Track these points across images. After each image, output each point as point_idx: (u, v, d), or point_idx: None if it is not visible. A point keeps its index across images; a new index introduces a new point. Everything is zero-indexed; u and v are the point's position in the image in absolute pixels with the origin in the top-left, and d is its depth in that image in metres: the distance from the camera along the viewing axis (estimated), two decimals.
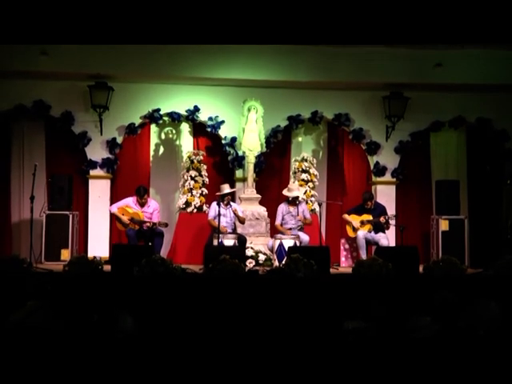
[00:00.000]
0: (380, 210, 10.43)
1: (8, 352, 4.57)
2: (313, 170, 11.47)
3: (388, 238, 10.32)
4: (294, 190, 10.36)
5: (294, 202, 10.24)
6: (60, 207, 10.75)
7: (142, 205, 10.23)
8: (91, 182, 11.40)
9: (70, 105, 11.18)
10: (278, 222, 10.30)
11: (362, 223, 10.35)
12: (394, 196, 11.79)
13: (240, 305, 7.08)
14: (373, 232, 10.33)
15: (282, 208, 10.34)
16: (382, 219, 10.21)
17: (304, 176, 11.36)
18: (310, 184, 11.39)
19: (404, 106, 11.46)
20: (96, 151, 11.34)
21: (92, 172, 11.37)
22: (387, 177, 11.84)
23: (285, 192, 10.42)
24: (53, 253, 10.53)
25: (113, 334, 5.12)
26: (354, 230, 10.38)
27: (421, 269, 8.76)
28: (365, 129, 11.76)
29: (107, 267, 8.42)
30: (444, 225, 11.04)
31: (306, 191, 11.22)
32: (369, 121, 11.77)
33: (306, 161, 11.50)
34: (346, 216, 10.60)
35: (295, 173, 11.52)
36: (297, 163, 11.56)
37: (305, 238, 9.98)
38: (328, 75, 11.21)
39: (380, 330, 5.28)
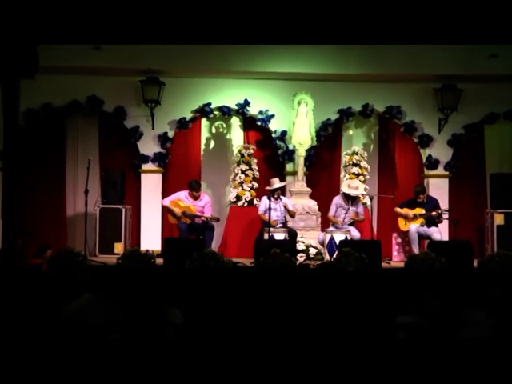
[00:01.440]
0: (433, 204, 10.29)
1: (63, 345, 4.66)
2: (364, 164, 11.37)
3: (441, 232, 10.18)
4: (354, 188, 10.29)
5: (350, 198, 10.22)
6: (113, 201, 10.91)
7: (195, 198, 10.30)
8: (143, 176, 11.53)
9: (122, 100, 11.32)
10: (331, 213, 10.30)
11: (415, 217, 10.23)
12: (447, 190, 11.59)
13: (291, 299, 7.08)
14: (425, 226, 10.20)
15: (337, 200, 10.34)
16: (434, 213, 10.07)
17: (355, 169, 11.28)
18: (361, 177, 11.29)
19: (457, 98, 11.26)
20: (148, 146, 11.47)
21: (144, 166, 11.50)
22: (440, 170, 11.65)
23: (344, 188, 10.39)
24: (106, 246, 10.70)
25: (162, 327, 5.17)
26: (408, 219, 10.26)
27: (475, 263, 8.62)
28: (417, 121, 11.60)
29: (159, 260, 8.52)
30: (499, 219, 10.83)
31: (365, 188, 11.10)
32: (421, 113, 11.60)
33: (356, 154, 11.40)
34: (397, 209, 10.49)
35: (346, 166, 11.44)
36: (347, 157, 11.48)
37: (356, 234, 9.93)
38: (379, 67, 11.08)
39: (433, 325, 5.22)
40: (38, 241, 10.36)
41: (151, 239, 11.20)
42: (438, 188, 11.46)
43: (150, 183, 11.50)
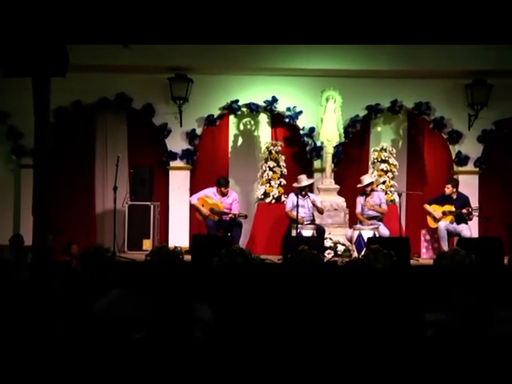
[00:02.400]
0: (463, 201, 10.18)
1: (93, 340, 4.70)
2: (392, 160, 11.30)
3: (471, 229, 10.08)
4: (365, 178, 10.33)
5: (367, 191, 10.22)
6: (142, 198, 11.00)
7: (223, 195, 10.34)
8: (171, 173, 11.60)
9: (150, 97, 11.40)
10: (358, 210, 10.37)
11: (444, 214, 10.14)
12: (477, 186, 11.48)
13: (319, 295, 7.07)
14: (455, 223, 10.10)
15: (360, 198, 10.37)
16: (464, 211, 9.97)
17: (383, 166, 11.22)
18: (390, 174, 11.24)
19: (488, 93, 11.13)
20: (176, 142, 11.53)
21: (172, 163, 11.57)
22: (470, 166, 11.53)
23: (358, 185, 10.45)
24: (135, 243, 10.78)
25: (191, 323, 5.19)
26: (436, 220, 10.18)
27: (506, 261, 8.53)
28: (446, 117, 11.49)
29: (187, 257, 8.56)
30: None
31: (382, 181, 11.05)
32: (450, 109, 11.49)
33: (385, 151, 11.34)
34: (427, 206, 10.41)
35: (374, 163, 11.38)
36: (376, 153, 11.41)
37: (385, 231, 9.89)
38: (409, 63, 10.99)
39: (462, 323, 5.17)
40: (67, 238, 10.49)
41: (179, 236, 11.26)
42: (468, 185, 11.34)
43: (178, 180, 11.56)
